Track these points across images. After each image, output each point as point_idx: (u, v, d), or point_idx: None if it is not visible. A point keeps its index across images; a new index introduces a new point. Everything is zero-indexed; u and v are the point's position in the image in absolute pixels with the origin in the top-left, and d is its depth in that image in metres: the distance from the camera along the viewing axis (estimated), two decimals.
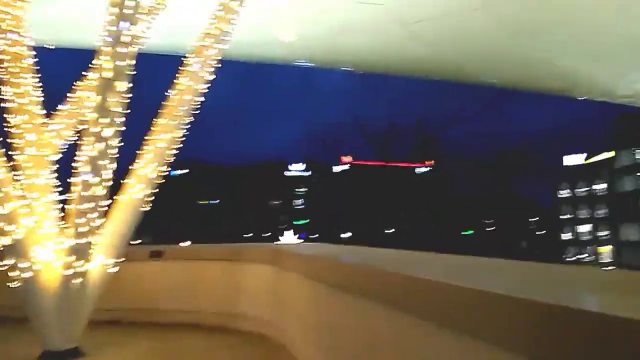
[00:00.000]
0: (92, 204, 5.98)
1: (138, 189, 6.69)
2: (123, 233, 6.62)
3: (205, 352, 6.84)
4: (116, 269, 6.64)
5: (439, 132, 79.02)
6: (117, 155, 6.18)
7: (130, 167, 6.81)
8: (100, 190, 6.01)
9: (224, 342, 7.12)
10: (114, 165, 6.15)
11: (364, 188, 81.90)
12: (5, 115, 6.45)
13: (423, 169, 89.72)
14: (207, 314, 8.28)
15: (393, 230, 77.47)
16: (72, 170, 6.18)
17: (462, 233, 78.49)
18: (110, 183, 6.15)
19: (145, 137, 6.83)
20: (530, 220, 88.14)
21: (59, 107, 7.09)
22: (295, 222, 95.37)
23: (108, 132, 5.98)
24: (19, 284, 5.91)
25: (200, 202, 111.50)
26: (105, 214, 6.22)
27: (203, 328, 7.95)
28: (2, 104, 6.41)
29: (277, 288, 6.91)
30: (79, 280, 6.03)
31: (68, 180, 6.32)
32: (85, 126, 6.15)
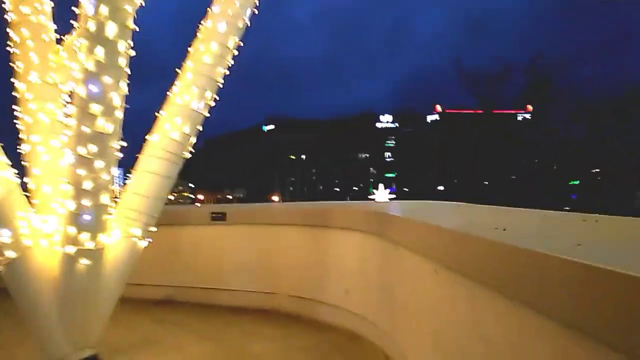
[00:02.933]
0: (97, 147, 3.87)
1: (172, 126, 4.54)
2: (156, 190, 4.53)
3: None
4: (146, 242, 4.60)
5: (555, 73, 68.51)
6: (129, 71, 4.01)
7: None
8: (109, 125, 3.89)
9: (303, 343, 4.97)
10: (125, 87, 3.99)
11: (458, 138, 76.71)
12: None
13: (525, 115, 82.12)
14: (283, 298, 6.16)
15: (487, 182, 72.12)
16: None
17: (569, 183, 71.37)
18: (121, 116, 4.02)
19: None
20: None
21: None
22: (386, 175, 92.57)
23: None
24: (1, 269, 4.03)
25: (291, 157, 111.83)
26: (117, 161, 4.12)
27: (277, 317, 5.86)
28: None
29: (384, 271, 4.54)
30: (87, 261, 4.02)
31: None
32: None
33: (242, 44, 4.79)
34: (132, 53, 4.01)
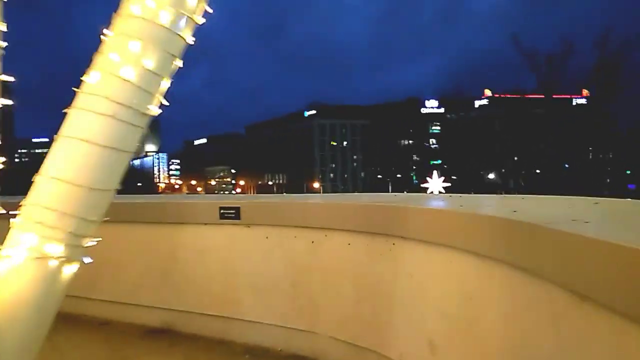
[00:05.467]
0: None
1: (124, 58, 2.43)
2: (92, 173, 2.46)
3: None
4: (76, 265, 2.55)
5: (623, 54, 60.98)
6: None
7: None
8: None
9: None
10: None
11: (507, 125, 72.21)
12: None
13: (581, 100, 76.53)
14: (325, 341, 4.00)
15: (538, 171, 67.59)
16: None
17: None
18: None
19: None
20: None
21: None
22: (431, 162, 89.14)
23: None
24: None
25: (332, 143, 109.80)
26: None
27: None
28: None
29: (514, 327, 2.34)
30: None
31: None
32: None
33: None
34: None
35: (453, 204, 3.47)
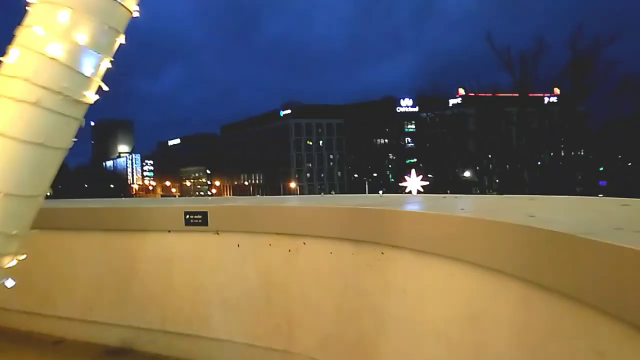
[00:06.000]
0: None
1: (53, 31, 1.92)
2: (12, 171, 1.94)
3: None
4: (9, 282, 2.04)
5: (594, 51, 61.00)
6: None
7: None
8: None
9: None
10: None
11: (481, 124, 72.65)
12: None
13: (553, 99, 77.35)
14: None
15: (510, 168, 68.18)
16: None
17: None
18: None
19: None
20: None
21: None
22: (406, 161, 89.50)
23: None
24: None
25: (308, 143, 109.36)
26: None
27: None
28: None
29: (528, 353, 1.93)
30: None
31: None
32: None
33: None
34: None
35: (452, 207, 3.03)
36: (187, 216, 4.09)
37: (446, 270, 2.49)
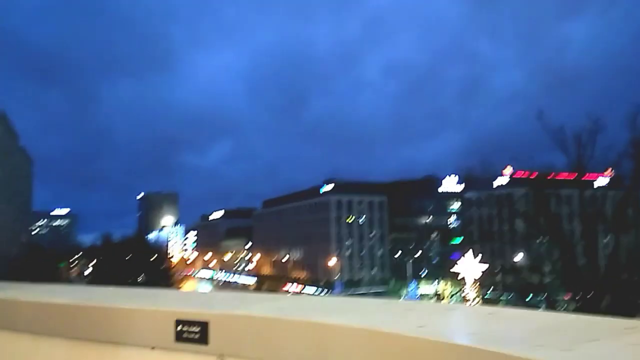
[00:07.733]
0: None
1: None
2: None
3: None
4: None
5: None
6: None
7: None
8: None
9: None
10: None
11: (526, 205, 69.33)
12: None
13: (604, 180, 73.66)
14: None
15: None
16: None
17: None
18: None
19: None
20: None
21: None
22: (451, 243, 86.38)
23: None
24: None
25: (349, 220, 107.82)
26: None
27: None
28: None
29: None
30: None
31: None
32: None
33: None
34: None
35: None
36: (179, 327, 2.67)
37: None
